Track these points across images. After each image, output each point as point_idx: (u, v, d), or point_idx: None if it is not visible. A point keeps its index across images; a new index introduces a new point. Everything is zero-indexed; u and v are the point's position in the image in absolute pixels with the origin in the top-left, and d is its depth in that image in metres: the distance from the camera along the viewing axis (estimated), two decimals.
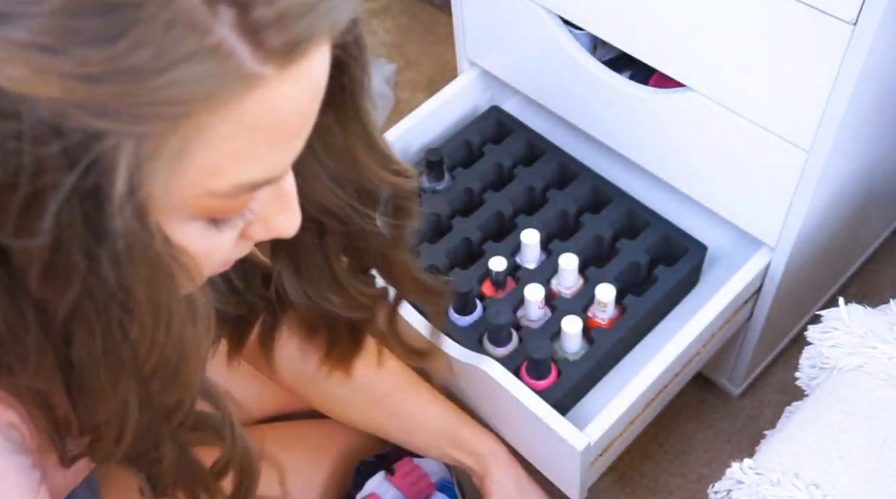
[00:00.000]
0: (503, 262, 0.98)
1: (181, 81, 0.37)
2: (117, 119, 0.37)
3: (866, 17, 0.71)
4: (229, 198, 0.44)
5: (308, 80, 0.42)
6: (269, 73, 0.39)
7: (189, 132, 0.39)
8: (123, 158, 0.38)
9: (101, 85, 0.36)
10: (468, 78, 1.19)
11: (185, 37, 0.36)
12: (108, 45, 0.35)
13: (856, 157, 0.93)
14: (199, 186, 0.42)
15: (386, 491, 1.03)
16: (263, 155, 0.43)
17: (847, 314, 0.83)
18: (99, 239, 0.40)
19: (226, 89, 0.38)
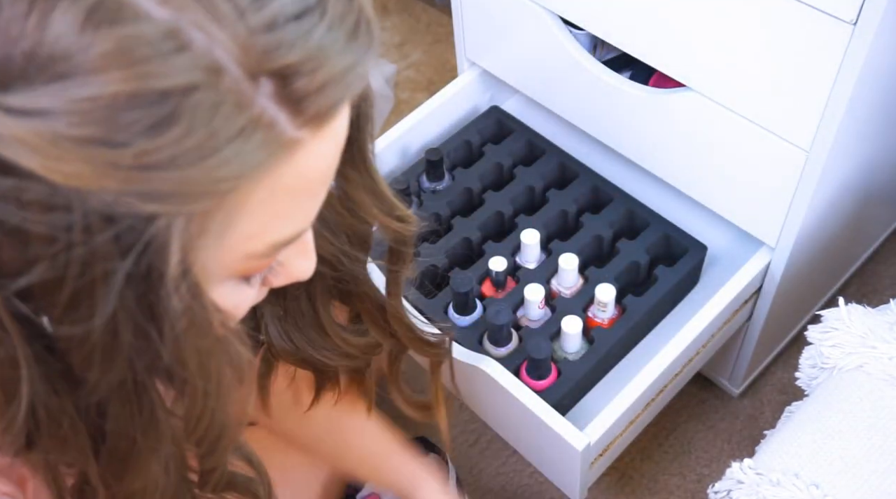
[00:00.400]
0: (503, 262, 0.98)
1: (232, 159, 0.37)
2: (169, 201, 0.37)
3: (866, 17, 0.71)
4: (265, 258, 0.45)
5: (336, 137, 0.44)
6: (305, 136, 0.40)
7: (234, 204, 0.40)
8: (175, 238, 0.38)
9: (158, 172, 0.36)
10: (468, 78, 1.19)
11: (232, 115, 0.37)
12: (163, 133, 0.35)
13: (856, 157, 0.93)
14: (239, 251, 0.43)
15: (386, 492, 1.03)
16: (296, 213, 0.44)
17: (847, 314, 0.83)
18: (152, 319, 0.41)
19: (268, 160, 0.39)
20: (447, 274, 1.02)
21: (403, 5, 1.86)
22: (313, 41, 0.38)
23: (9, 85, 0.34)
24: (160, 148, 0.36)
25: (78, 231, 0.37)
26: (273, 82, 0.38)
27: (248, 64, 0.37)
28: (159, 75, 0.35)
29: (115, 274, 0.38)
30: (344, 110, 0.43)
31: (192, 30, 0.36)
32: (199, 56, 0.36)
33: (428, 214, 1.06)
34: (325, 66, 0.39)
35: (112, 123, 0.35)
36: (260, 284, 0.50)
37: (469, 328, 0.97)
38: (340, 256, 0.64)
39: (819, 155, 0.83)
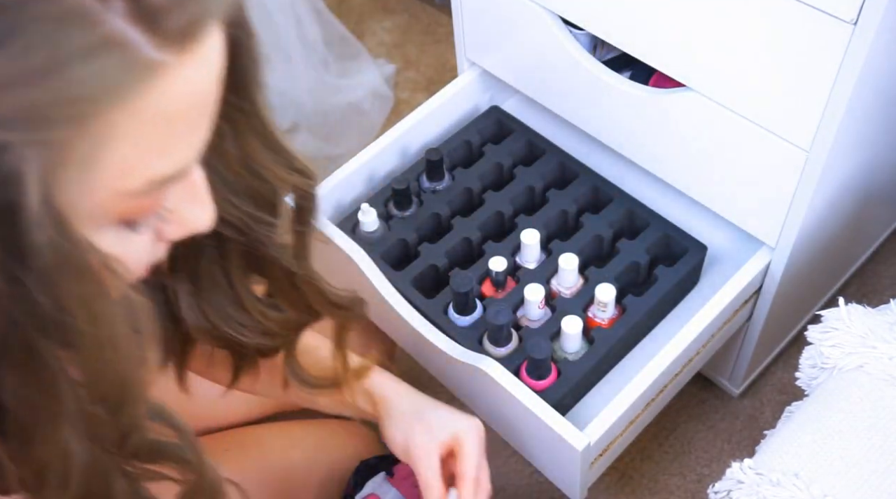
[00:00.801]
0: (503, 262, 0.98)
1: (80, 79, 0.35)
2: (18, 128, 0.35)
3: (866, 17, 0.71)
4: (142, 196, 0.42)
5: (207, 63, 0.41)
6: (168, 59, 0.38)
7: (96, 133, 0.37)
8: (32, 168, 0.36)
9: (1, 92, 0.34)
10: (468, 78, 1.19)
11: (77, 31, 0.35)
12: (9, 46, 0.34)
13: (856, 156, 0.93)
14: (111, 187, 0.40)
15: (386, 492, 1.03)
16: (172, 146, 0.41)
17: (847, 314, 0.83)
18: (21, 260, 0.38)
19: (127, 82, 0.37)
20: (447, 274, 1.02)
21: (403, 5, 1.86)
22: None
23: None
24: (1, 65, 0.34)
25: None
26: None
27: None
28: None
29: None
30: (212, 33, 0.41)
31: None
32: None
33: (428, 214, 1.06)
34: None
35: None
36: (154, 238, 0.47)
37: (469, 328, 0.97)
38: (247, 219, 0.59)
39: (819, 155, 0.83)
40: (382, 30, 1.82)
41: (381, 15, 1.85)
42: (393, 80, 1.71)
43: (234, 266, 0.64)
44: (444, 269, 1.02)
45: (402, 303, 0.97)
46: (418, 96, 1.68)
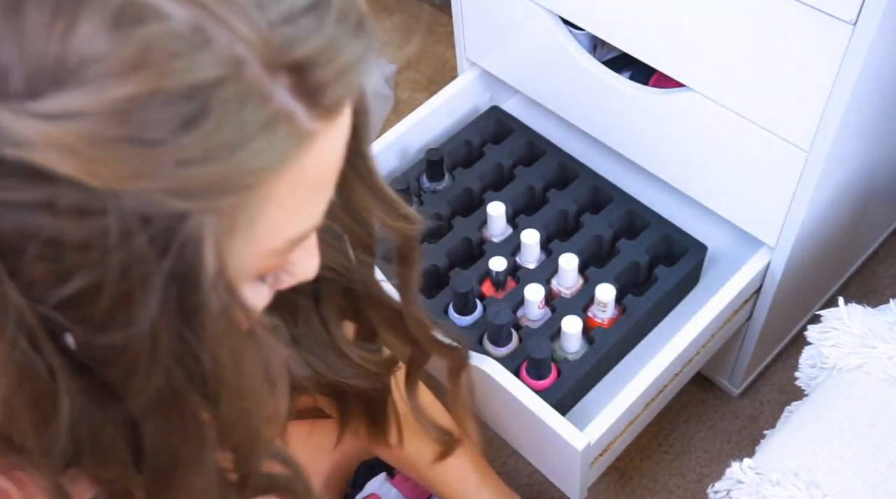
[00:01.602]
0: (503, 262, 0.98)
1: (257, 152, 0.38)
2: (201, 197, 0.37)
3: (866, 17, 0.71)
4: (282, 254, 0.45)
5: (344, 129, 0.44)
6: (319, 128, 0.41)
7: (259, 198, 0.40)
8: (209, 235, 0.38)
9: (191, 168, 0.36)
10: (468, 78, 1.19)
11: (257, 108, 0.37)
12: (195, 128, 0.36)
13: (855, 157, 0.93)
14: (262, 247, 0.43)
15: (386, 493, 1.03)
16: (312, 206, 0.45)
17: (847, 314, 0.83)
18: (190, 320, 0.41)
19: (291, 152, 0.40)
20: (447, 274, 1.02)
21: (403, 5, 1.86)
22: (326, 33, 0.39)
23: (40, 92, 0.35)
24: (193, 143, 0.36)
25: (114, 235, 0.37)
26: (290, 75, 0.38)
27: (267, 57, 0.37)
28: (185, 71, 0.35)
29: (154, 276, 0.38)
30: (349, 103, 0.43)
31: (214, 25, 0.36)
32: (221, 50, 0.36)
33: (428, 214, 1.06)
34: (337, 57, 0.39)
35: (145, 121, 0.35)
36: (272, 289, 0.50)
37: (469, 328, 0.97)
38: (345, 262, 0.63)
39: (819, 155, 0.83)
40: (382, 30, 1.82)
41: (381, 15, 1.85)
42: (393, 80, 1.71)
43: (331, 313, 0.68)
44: (444, 269, 1.02)
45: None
46: (418, 96, 1.68)
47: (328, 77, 0.39)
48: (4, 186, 0.35)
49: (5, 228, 0.36)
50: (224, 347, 0.43)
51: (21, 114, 0.34)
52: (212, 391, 0.44)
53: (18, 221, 0.36)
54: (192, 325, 0.41)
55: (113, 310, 0.39)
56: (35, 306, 0.39)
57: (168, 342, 0.41)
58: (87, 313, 0.39)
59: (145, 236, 0.37)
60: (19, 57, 0.35)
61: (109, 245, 0.37)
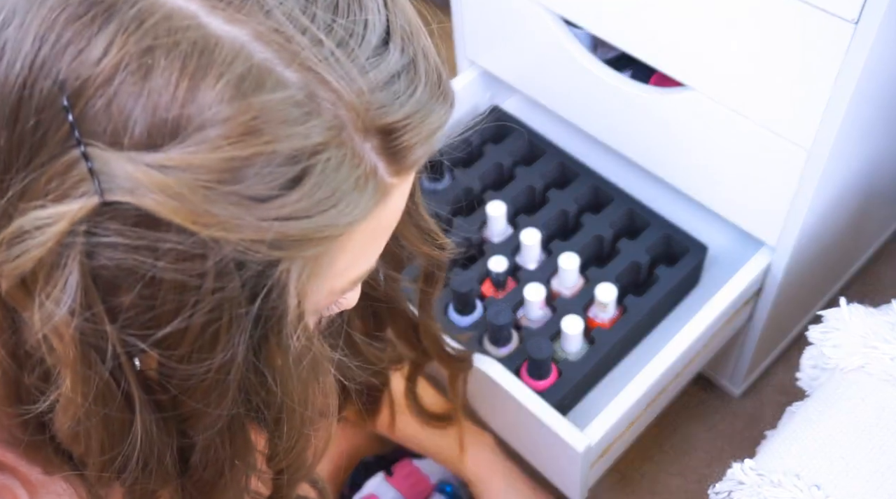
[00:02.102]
0: (503, 262, 0.98)
1: (347, 208, 0.40)
2: (294, 248, 0.40)
3: (868, 15, 0.71)
4: (344, 293, 0.48)
5: (411, 179, 0.46)
6: (396, 183, 0.43)
7: (338, 247, 0.42)
8: (293, 280, 0.41)
9: (291, 222, 0.39)
10: (468, 78, 1.19)
11: (351, 168, 0.40)
12: (298, 187, 0.38)
13: (857, 156, 0.92)
14: (328, 289, 0.45)
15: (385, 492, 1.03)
16: (375, 250, 0.47)
17: (848, 314, 0.83)
18: (269, 358, 0.43)
19: (372, 206, 0.42)
20: (447, 274, 1.02)
21: None
22: (416, 98, 0.41)
23: (159, 145, 0.37)
24: (294, 201, 0.38)
25: (211, 278, 0.39)
26: (380, 137, 0.41)
27: (364, 120, 0.40)
28: (296, 137, 0.38)
29: (242, 317, 0.40)
30: None
31: (322, 91, 0.38)
32: (328, 117, 0.38)
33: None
34: (425, 122, 0.42)
35: (255, 179, 0.37)
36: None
37: (469, 328, 0.96)
38: (378, 278, 0.67)
39: (820, 154, 0.83)
40: None
41: None
42: None
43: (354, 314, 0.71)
44: None
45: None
46: None
47: (414, 141, 0.42)
48: (111, 228, 0.37)
49: (107, 267, 0.39)
50: (295, 383, 0.45)
51: (138, 163, 0.36)
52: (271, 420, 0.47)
53: (121, 261, 0.38)
54: (270, 363, 0.43)
55: (198, 345, 0.41)
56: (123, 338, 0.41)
57: (242, 377, 0.43)
58: (174, 348, 0.41)
59: (239, 281, 0.39)
60: (143, 112, 0.36)
61: (204, 288, 0.39)
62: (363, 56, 0.39)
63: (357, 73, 0.39)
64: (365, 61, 0.39)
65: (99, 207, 0.37)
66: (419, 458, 1.07)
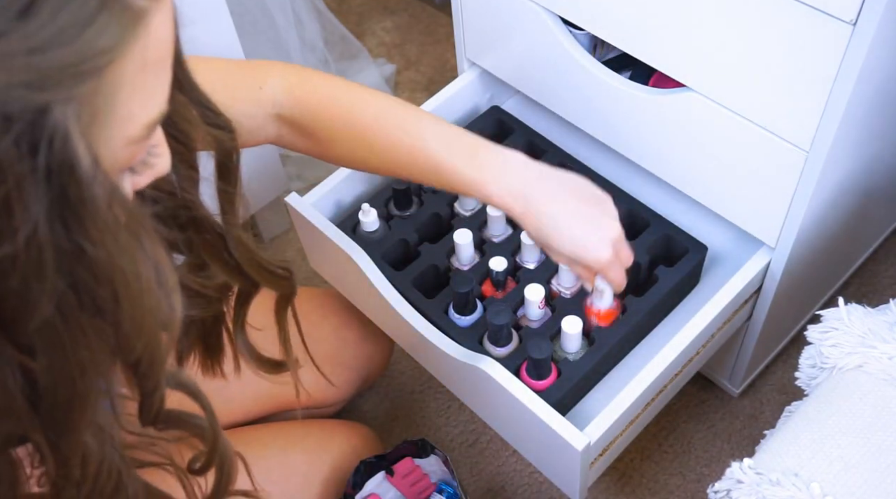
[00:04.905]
0: (503, 262, 0.98)
1: (98, 33, 0.38)
2: (57, 86, 0.37)
3: (866, 17, 0.71)
4: (139, 142, 0.44)
5: (169, 6, 0.44)
6: (149, 6, 0.41)
7: (110, 83, 0.40)
8: (73, 124, 0.38)
9: (40, 55, 0.36)
10: (468, 78, 1.19)
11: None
12: (36, 14, 0.36)
13: (855, 156, 0.93)
14: (122, 136, 0.42)
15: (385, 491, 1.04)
16: (158, 89, 0.44)
17: (847, 314, 0.83)
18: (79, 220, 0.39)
19: (129, 32, 0.40)
20: (447, 274, 1.03)
21: (403, 5, 1.86)
22: None
23: None
24: (38, 29, 0.36)
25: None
26: None
27: None
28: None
29: (28, 176, 0.37)
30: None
31: None
32: None
33: (428, 214, 1.06)
34: None
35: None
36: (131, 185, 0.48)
37: (469, 328, 0.97)
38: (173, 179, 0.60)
39: (819, 155, 0.84)
40: (382, 30, 1.82)
41: (381, 15, 1.85)
42: (393, 80, 1.71)
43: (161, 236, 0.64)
44: (444, 269, 1.02)
45: (402, 303, 0.97)
46: (418, 96, 1.68)
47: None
48: None
49: None
50: (116, 245, 0.41)
51: None
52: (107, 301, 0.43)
53: None
54: (81, 224, 0.40)
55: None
56: None
57: (57, 248, 0.39)
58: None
59: (10, 137, 0.36)
60: None
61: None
62: None
63: None
64: None
65: None
66: (420, 457, 1.07)
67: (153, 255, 0.45)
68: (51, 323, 0.41)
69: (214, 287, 0.68)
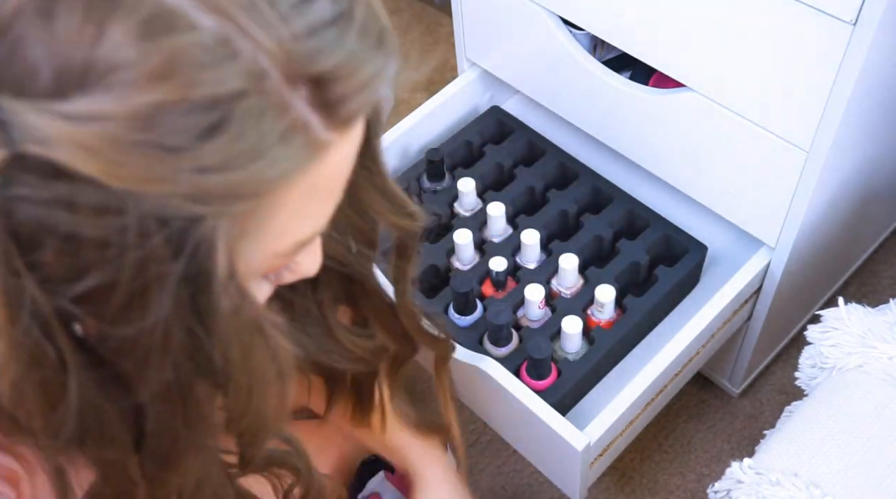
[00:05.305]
0: (503, 262, 0.98)
1: (274, 161, 0.39)
2: (217, 203, 0.38)
3: (866, 17, 0.71)
4: (288, 256, 0.46)
5: (357, 137, 0.45)
6: (334, 139, 0.41)
7: (270, 204, 0.41)
8: (221, 238, 0.40)
9: (209, 175, 0.37)
10: (468, 78, 1.19)
11: (276, 119, 0.38)
12: (215, 137, 0.37)
13: (855, 157, 0.93)
14: (270, 250, 0.44)
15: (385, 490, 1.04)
16: (319, 211, 0.46)
17: (847, 314, 0.83)
18: (201, 319, 0.42)
19: (305, 162, 0.40)
20: (447, 274, 1.03)
21: (403, 5, 1.86)
22: (347, 48, 0.40)
23: (67, 93, 0.35)
24: (212, 152, 0.37)
25: (132, 234, 0.38)
26: (309, 87, 0.39)
27: (288, 69, 0.38)
28: (210, 82, 0.36)
29: (168, 276, 0.39)
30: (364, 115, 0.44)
31: (239, 37, 0.37)
32: (246, 63, 0.37)
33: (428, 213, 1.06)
34: (357, 72, 0.40)
35: (168, 128, 0.36)
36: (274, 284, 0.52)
37: (469, 328, 0.97)
38: (347, 254, 0.65)
39: (819, 155, 0.84)
40: None
41: None
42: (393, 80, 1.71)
43: (327, 297, 0.69)
44: (444, 269, 1.02)
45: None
46: (418, 96, 1.68)
47: (347, 91, 0.40)
48: (25, 181, 0.36)
49: (25, 222, 0.37)
50: (234, 344, 0.44)
51: (46, 113, 0.35)
52: (221, 382, 0.46)
53: (38, 216, 0.37)
54: (204, 323, 0.42)
55: (127, 306, 0.40)
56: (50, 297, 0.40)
57: (179, 339, 0.42)
58: (101, 308, 0.40)
59: (161, 237, 0.38)
60: (48, 58, 0.35)
61: (126, 244, 0.38)
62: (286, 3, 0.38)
63: (278, 20, 0.38)
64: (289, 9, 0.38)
65: (10, 159, 0.36)
66: None
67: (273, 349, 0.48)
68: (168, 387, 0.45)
69: (366, 349, 0.74)
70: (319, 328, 0.70)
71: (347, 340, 0.72)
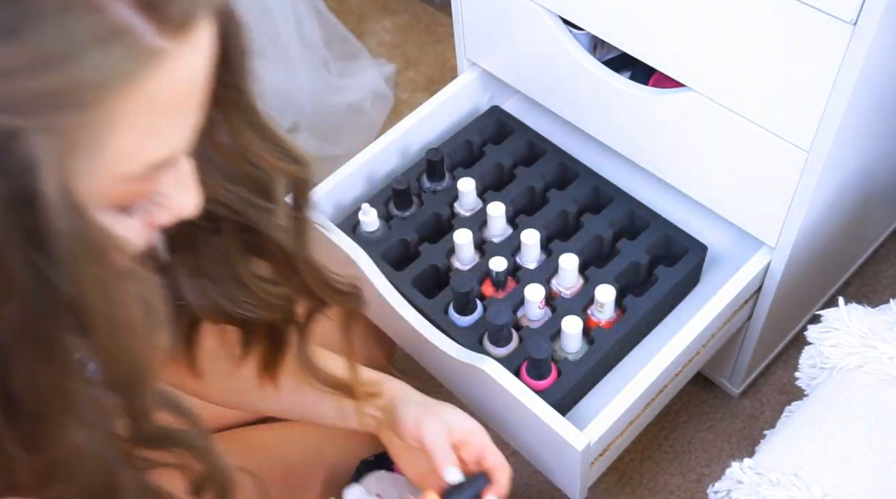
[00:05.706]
0: (503, 262, 0.98)
1: (90, 65, 0.36)
2: (30, 114, 0.36)
3: (866, 17, 0.71)
4: (138, 181, 0.43)
5: (201, 51, 0.43)
6: (168, 46, 0.39)
7: (101, 118, 0.39)
8: (45, 154, 0.37)
9: (15, 79, 0.35)
10: (468, 78, 1.19)
11: (87, 19, 0.36)
12: (15, 37, 0.35)
13: (856, 156, 0.93)
14: (112, 172, 0.41)
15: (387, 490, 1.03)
16: (168, 130, 0.43)
17: (847, 314, 0.83)
18: (41, 247, 0.39)
19: (132, 68, 0.38)
20: (447, 274, 1.03)
21: (403, 5, 1.86)
22: None
23: None
24: (15, 53, 0.35)
25: None
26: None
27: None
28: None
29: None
30: (206, 23, 0.42)
31: None
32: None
33: (428, 214, 1.06)
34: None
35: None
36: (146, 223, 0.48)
37: (469, 328, 0.97)
38: (243, 204, 0.61)
39: (819, 155, 0.84)
40: (382, 30, 1.82)
41: (381, 15, 1.85)
42: (393, 80, 1.71)
43: (232, 246, 0.65)
44: (444, 269, 1.02)
45: (403, 303, 0.97)
46: (418, 96, 1.68)
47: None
48: None
49: None
50: (86, 275, 0.41)
51: None
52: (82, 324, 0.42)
53: None
54: (43, 250, 0.39)
55: None
56: None
57: (20, 270, 0.39)
58: None
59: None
60: None
61: None
62: None
63: None
64: None
65: None
66: None
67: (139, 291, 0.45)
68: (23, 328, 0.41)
69: (279, 296, 0.69)
70: (227, 277, 0.66)
71: (259, 289, 0.68)
